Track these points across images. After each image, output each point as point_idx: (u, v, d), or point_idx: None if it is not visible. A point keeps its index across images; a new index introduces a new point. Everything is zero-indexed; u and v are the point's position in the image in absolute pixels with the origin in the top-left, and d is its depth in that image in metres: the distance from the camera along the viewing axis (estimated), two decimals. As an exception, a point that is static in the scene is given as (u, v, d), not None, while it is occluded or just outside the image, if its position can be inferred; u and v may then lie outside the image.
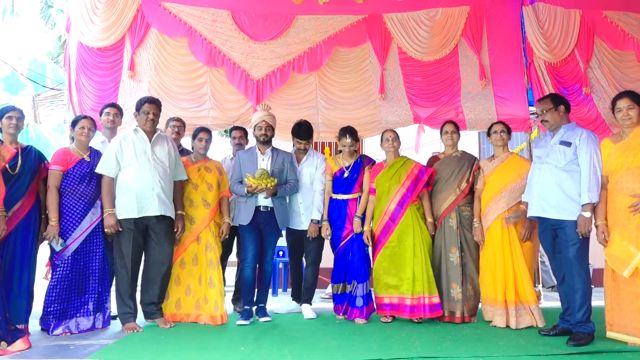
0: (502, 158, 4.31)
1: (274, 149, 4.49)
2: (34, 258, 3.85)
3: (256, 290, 4.41)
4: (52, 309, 3.82)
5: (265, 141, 4.43)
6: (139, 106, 4.09)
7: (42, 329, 3.87)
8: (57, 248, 3.87)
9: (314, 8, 5.72)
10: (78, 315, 3.91)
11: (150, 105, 4.08)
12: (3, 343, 3.27)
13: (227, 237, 4.44)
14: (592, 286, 3.68)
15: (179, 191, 4.21)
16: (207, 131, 4.55)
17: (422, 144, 6.01)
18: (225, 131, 10.22)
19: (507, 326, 4.02)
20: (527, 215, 3.93)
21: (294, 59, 5.74)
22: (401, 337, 3.75)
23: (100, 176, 3.99)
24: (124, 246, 3.93)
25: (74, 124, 4.11)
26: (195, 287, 4.24)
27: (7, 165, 3.65)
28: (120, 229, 3.89)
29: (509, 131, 4.38)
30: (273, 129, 4.47)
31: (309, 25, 5.76)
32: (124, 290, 3.96)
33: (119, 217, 3.91)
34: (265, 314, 4.35)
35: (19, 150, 3.78)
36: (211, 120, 5.61)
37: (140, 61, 5.67)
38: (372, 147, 7.56)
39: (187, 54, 5.69)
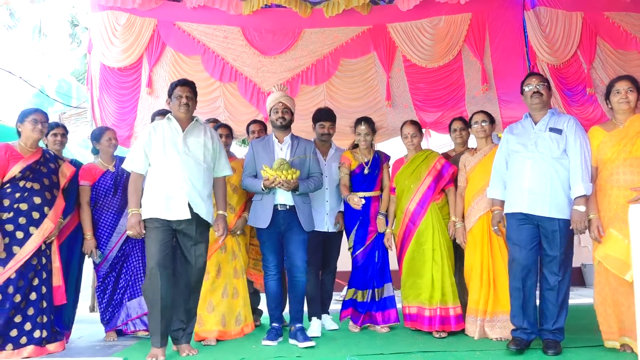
0: (485, 151, 3.86)
1: (294, 137, 3.93)
2: (80, 269, 4.03)
3: (288, 305, 3.90)
4: (105, 309, 4.00)
5: (283, 126, 3.85)
6: (170, 91, 3.53)
7: (116, 332, 4.06)
8: (97, 261, 3.96)
9: (320, 21, 5.91)
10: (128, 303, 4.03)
11: (183, 88, 3.49)
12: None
13: (240, 232, 3.97)
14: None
15: (220, 188, 3.64)
16: (226, 127, 4.18)
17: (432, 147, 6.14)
18: (243, 141, 10.51)
19: (485, 337, 3.64)
20: (512, 211, 3.40)
21: (303, 71, 5.97)
22: (405, 334, 3.93)
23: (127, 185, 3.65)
24: (153, 246, 3.32)
25: (98, 137, 4.08)
26: (217, 302, 3.84)
27: None
28: (144, 232, 3.35)
29: (492, 121, 3.96)
30: (292, 113, 3.93)
31: (315, 38, 5.97)
32: (152, 301, 3.32)
33: (144, 217, 3.35)
34: (306, 338, 3.61)
35: None
36: (225, 132, 5.86)
37: (158, 78, 5.93)
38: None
39: (201, 70, 5.95)
